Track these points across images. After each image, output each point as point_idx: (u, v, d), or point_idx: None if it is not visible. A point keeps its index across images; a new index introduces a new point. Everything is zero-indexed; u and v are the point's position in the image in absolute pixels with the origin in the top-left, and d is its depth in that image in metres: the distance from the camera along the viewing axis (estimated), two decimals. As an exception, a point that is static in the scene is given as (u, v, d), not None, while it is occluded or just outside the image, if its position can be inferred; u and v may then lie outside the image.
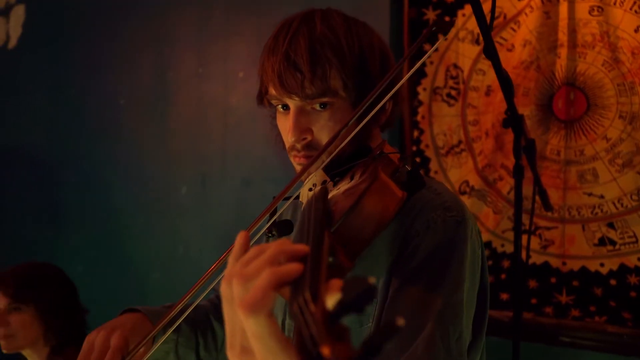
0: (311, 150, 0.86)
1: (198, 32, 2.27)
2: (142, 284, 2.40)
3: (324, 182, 0.84)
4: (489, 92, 1.81)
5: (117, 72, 2.48)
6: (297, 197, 0.86)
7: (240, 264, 0.51)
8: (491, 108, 1.81)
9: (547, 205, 1.41)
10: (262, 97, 0.93)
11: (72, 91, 2.60)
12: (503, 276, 1.76)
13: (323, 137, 0.85)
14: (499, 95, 1.80)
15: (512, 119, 1.24)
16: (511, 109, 1.22)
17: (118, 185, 2.49)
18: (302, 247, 0.52)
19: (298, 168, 0.90)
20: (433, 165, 1.87)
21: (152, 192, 2.40)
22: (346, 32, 0.84)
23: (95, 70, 2.54)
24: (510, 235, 1.74)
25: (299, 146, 0.87)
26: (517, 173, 1.27)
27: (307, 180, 0.87)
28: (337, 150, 0.86)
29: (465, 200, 1.82)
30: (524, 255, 1.75)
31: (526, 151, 1.28)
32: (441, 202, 0.83)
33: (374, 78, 0.85)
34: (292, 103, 0.86)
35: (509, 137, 1.79)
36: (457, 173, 1.84)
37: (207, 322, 1.12)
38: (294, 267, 0.49)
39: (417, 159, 1.88)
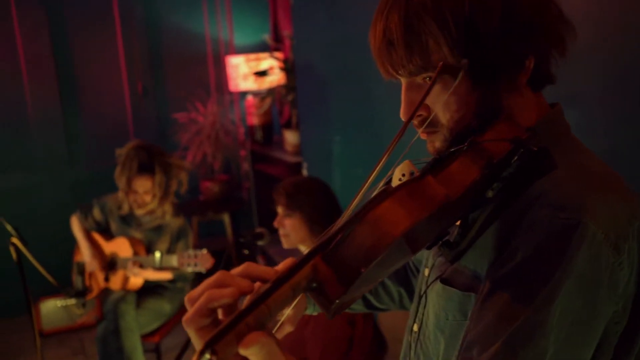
0: (431, 126, 0.79)
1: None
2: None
3: (412, 173, 0.74)
4: None
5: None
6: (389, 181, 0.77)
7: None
8: None
9: None
10: None
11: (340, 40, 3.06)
12: None
13: (439, 112, 0.78)
14: None
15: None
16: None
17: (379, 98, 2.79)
18: (236, 280, 0.61)
19: (428, 147, 0.82)
20: None
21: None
22: None
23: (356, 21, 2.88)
24: None
25: (416, 122, 0.80)
26: None
27: (397, 166, 0.76)
28: (453, 124, 0.78)
29: None
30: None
31: None
32: (556, 198, 0.69)
33: (491, 38, 0.73)
34: (401, 79, 0.80)
35: None
36: None
37: None
38: (225, 293, 0.58)
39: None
